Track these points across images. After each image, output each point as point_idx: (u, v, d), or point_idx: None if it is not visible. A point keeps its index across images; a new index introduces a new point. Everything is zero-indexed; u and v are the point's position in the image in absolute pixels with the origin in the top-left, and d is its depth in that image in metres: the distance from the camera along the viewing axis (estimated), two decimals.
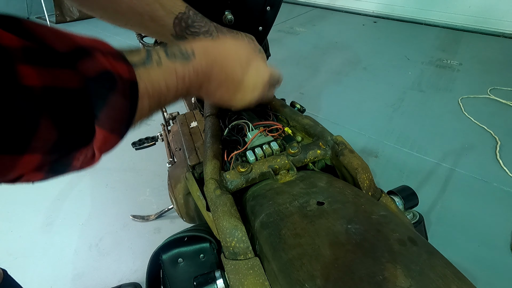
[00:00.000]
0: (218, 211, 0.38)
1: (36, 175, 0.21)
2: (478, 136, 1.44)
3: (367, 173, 0.43)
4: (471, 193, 1.17)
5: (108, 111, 0.22)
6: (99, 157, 0.24)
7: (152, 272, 0.49)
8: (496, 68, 1.98)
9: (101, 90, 0.22)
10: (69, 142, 0.21)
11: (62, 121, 0.20)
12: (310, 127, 0.52)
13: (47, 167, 0.21)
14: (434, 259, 0.28)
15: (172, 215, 1.15)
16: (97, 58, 0.22)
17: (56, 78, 0.19)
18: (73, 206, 1.22)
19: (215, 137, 0.52)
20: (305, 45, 2.44)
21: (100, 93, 0.22)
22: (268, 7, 0.60)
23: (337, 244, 0.29)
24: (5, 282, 0.59)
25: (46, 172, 0.21)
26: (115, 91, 0.23)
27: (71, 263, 1.02)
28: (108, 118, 0.23)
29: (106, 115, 0.22)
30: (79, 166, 0.23)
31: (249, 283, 0.32)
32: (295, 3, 3.46)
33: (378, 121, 1.58)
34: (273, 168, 0.45)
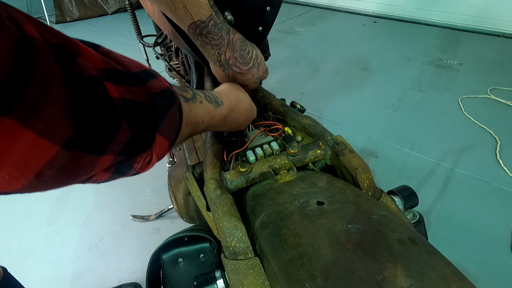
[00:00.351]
0: (218, 211, 0.38)
1: (104, 175, 0.24)
2: (478, 136, 1.44)
3: (367, 173, 0.43)
4: (471, 193, 1.17)
5: (167, 121, 0.27)
6: (155, 162, 0.28)
7: (152, 272, 0.49)
8: (496, 68, 1.98)
9: (164, 103, 0.27)
10: (136, 146, 0.25)
11: (134, 127, 0.24)
12: (310, 127, 0.52)
13: (114, 167, 0.24)
14: (434, 259, 0.28)
15: (172, 215, 1.15)
16: (160, 79, 0.28)
17: (130, 93, 0.24)
18: (73, 206, 1.22)
19: (215, 137, 0.52)
20: (305, 45, 2.44)
21: (162, 106, 0.27)
22: (268, 7, 0.60)
23: (337, 244, 0.29)
24: (5, 280, 0.59)
25: (112, 173, 0.25)
26: (174, 105, 0.29)
27: (71, 263, 1.02)
28: (167, 127, 0.28)
29: (166, 124, 0.27)
30: (137, 169, 0.27)
31: (249, 283, 0.32)
32: (295, 3, 3.46)
33: (378, 121, 1.58)
34: (273, 168, 0.45)
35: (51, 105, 0.17)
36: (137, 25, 1.01)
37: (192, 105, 0.36)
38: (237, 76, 0.55)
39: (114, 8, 3.39)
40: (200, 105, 0.37)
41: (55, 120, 0.17)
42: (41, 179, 0.19)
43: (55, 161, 0.19)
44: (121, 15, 3.38)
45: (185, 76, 0.97)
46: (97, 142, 0.21)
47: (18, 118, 0.16)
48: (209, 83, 0.67)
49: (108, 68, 0.22)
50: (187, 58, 0.83)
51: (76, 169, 0.21)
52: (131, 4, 0.98)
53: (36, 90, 0.16)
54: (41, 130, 0.17)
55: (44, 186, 0.20)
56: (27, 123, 0.16)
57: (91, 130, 0.20)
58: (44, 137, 0.17)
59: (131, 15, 0.99)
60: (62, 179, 0.20)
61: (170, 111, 0.28)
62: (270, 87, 0.70)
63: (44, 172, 0.18)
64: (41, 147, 0.17)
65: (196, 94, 0.38)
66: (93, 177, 0.23)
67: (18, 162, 0.17)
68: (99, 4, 3.32)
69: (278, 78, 2.00)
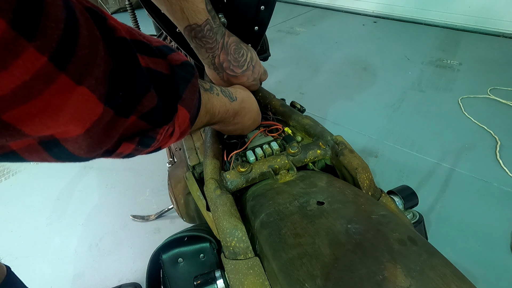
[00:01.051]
0: (218, 211, 0.38)
1: (129, 146, 0.25)
2: (478, 136, 1.44)
3: (367, 173, 0.43)
4: (471, 193, 1.17)
5: (189, 92, 0.28)
6: (177, 134, 0.29)
7: (152, 272, 0.49)
8: (496, 68, 1.98)
9: (184, 74, 0.28)
10: (160, 114, 0.25)
11: (160, 95, 0.25)
12: (310, 127, 0.52)
13: (138, 138, 0.25)
14: (434, 259, 0.28)
15: (172, 215, 1.15)
16: (180, 54, 0.29)
17: (154, 64, 0.25)
18: (73, 206, 1.22)
19: (215, 137, 0.52)
20: (305, 45, 2.44)
21: (183, 77, 0.28)
22: (262, 6, 0.60)
23: (337, 243, 0.30)
24: (8, 279, 0.59)
25: (136, 144, 0.25)
26: (194, 77, 0.29)
27: (71, 263, 1.02)
28: (189, 98, 0.28)
29: (187, 95, 0.28)
30: (160, 140, 0.27)
31: (249, 283, 0.32)
32: (295, 3, 3.46)
33: (378, 121, 1.58)
34: (273, 168, 0.45)
35: (99, 64, 0.18)
36: (137, 25, 1.01)
37: (210, 96, 0.37)
38: (232, 79, 0.55)
39: (114, 8, 3.39)
40: (217, 97, 0.39)
41: (102, 77, 0.18)
42: (88, 135, 0.20)
43: (102, 118, 0.20)
44: (121, 15, 3.38)
45: None
46: (129, 103, 0.22)
47: (72, 75, 0.16)
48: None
49: (133, 39, 0.23)
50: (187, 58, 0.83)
51: (111, 132, 0.21)
52: (131, 4, 0.98)
53: (85, 48, 0.17)
54: (92, 86, 0.18)
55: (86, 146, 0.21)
56: (80, 79, 0.17)
57: (126, 90, 0.21)
58: (94, 93, 0.18)
59: (131, 15, 0.99)
60: (101, 141, 0.21)
61: (191, 82, 0.29)
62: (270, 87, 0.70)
63: (92, 129, 0.20)
64: (91, 102, 0.18)
65: (213, 87, 0.39)
66: (119, 147, 0.24)
67: (73, 114, 0.18)
68: (99, 4, 3.32)
69: (278, 78, 2.00)
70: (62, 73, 0.16)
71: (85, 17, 0.17)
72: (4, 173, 1.38)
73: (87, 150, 0.21)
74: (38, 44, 0.14)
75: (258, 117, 0.54)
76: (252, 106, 0.51)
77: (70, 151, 0.20)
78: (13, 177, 1.36)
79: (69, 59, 0.16)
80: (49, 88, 0.16)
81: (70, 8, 0.16)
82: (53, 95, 0.16)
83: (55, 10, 0.15)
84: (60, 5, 0.15)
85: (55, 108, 0.17)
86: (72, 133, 0.19)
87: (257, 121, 0.54)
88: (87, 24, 0.17)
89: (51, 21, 0.15)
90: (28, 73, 0.14)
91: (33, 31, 0.14)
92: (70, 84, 0.17)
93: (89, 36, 0.17)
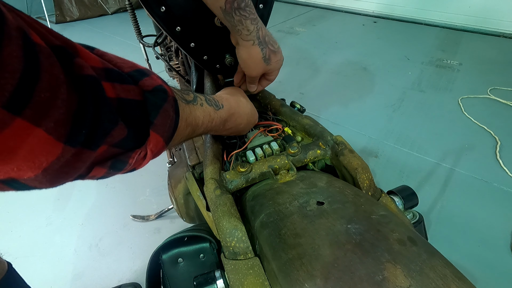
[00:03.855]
0: (218, 211, 0.38)
1: (101, 170, 0.25)
2: (478, 136, 1.44)
3: (367, 173, 0.43)
4: (471, 193, 1.17)
5: (160, 118, 0.28)
6: (150, 158, 0.29)
7: (152, 272, 0.49)
8: (496, 68, 1.98)
9: (156, 100, 0.28)
10: (131, 142, 0.25)
11: (130, 125, 0.25)
12: (310, 127, 0.52)
13: (110, 162, 0.25)
14: (434, 259, 0.28)
15: (172, 215, 1.15)
16: (152, 77, 0.29)
17: (126, 92, 0.25)
18: (73, 206, 1.22)
19: (215, 137, 0.52)
20: (305, 45, 2.44)
21: (155, 103, 0.28)
22: (260, 4, 0.60)
23: (337, 244, 0.30)
24: (8, 275, 0.59)
25: (108, 168, 0.26)
26: (167, 102, 0.29)
27: (71, 263, 1.02)
28: (160, 124, 0.28)
29: (159, 121, 0.28)
30: (133, 164, 0.28)
31: (249, 283, 0.32)
32: (295, 3, 3.46)
33: (378, 121, 1.58)
34: (273, 168, 0.45)
35: (59, 107, 0.18)
36: (137, 25, 1.01)
37: (193, 108, 0.37)
38: (272, 56, 0.53)
39: (114, 8, 3.39)
40: (201, 108, 0.38)
41: (62, 119, 0.19)
42: (47, 173, 0.20)
43: (62, 157, 0.20)
44: (121, 15, 3.38)
45: (185, 76, 0.97)
46: (95, 138, 0.22)
47: (28, 118, 0.17)
48: (209, 83, 0.67)
49: (105, 68, 0.24)
50: (187, 58, 0.83)
51: (76, 164, 0.22)
52: (131, 4, 0.97)
53: (46, 92, 0.18)
54: (50, 128, 0.18)
55: (48, 181, 0.21)
56: (37, 122, 0.18)
57: (90, 128, 0.21)
58: (51, 135, 0.19)
59: (131, 15, 0.99)
60: (65, 174, 0.22)
61: (163, 108, 0.28)
62: (270, 87, 0.70)
63: (50, 168, 0.20)
64: (48, 144, 0.19)
65: (197, 97, 0.39)
66: (90, 172, 0.25)
67: (27, 157, 0.18)
68: (99, 4, 3.32)
69: (278, 78, 1.98)
70: (18, 117, 0.17)
71: (50, 62, 0.18)
72: None
73: (50, 183, 0.22)
74: None
75: (253, 117, 0.53)
76: (244, 110, 0.50)
77: (32, 186, 0.21)
78: None
79: (25, 105, 0.17)
80: (3, 132, 0.16)
81: (33, 55, 0.17)
82: (7, 139, 0.17)
83: (11, 62, 0.16)
84: (18, 56, 0.16)
85: (9, 151, 0.17)
86: (28, 175, 0.19)
87: (252, 122, 0.54)
88: (51, 68, 0.18)
89: (5, 72, 0.16)
90: None
91: None
92: (26, 127, 0.17)
93: (51, 81, 0.18)
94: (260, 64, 0.53)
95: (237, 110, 0.48)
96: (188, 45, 0.60)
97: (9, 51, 0.16)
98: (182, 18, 0.56)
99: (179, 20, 0.56)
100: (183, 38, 0.58)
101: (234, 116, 0.47)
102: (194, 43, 0.60)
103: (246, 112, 0.51)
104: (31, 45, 0.17)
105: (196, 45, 0.60)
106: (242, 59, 0.54)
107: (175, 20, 0.55)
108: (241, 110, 0.49)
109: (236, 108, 0.48)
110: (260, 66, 0.54)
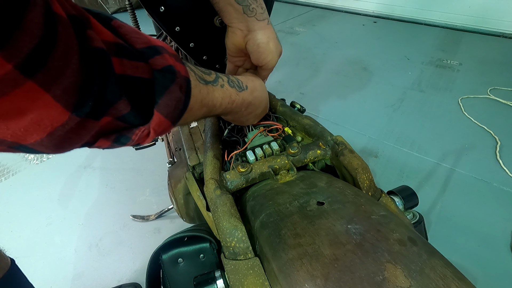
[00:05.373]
0: (218, 211, 0.38)
1: (105, 142, 0.26)
2: (478, 136, 1.44)
3: (367, 173, 0.43)
4: (471, 193, 1.17)
5: (166, 99, 0.28)
6: (153, 136, 0.29)
7: (152, 272, 0.49)
8: (496, 68, 1.98)
9: (164, 81, 0.27)
10: (134, 118, 0.26)
11: (134, 102, 0.25)
12: (310, 127, 0.52)
13: (115, 136, 0.26)
14: (434, 259, 0.28)
15: (172, 215, 1.15)
16: (164, 56, 0.28)
17: (134, 68, 0.25)
18: (73, 206, 1.22)
19: (215, 137, 0.52)
20: (305, 45, 2.44)
21: (162, 83, 0.27)
22: None
23: (337, 244, 0.29)
24: (11, 271, 0.59)
25: (112, 141, 0.27)
26: (174, 84, 0.28)
27: (71, 263, 1.02)
28: (165, 104, 0.28)
29: (164, 101, 0.28)
30: (136, 140, 0.28)
31: (249, 283, 0.32)
32: (295, 3, 3.45)
33: (378, 121, 1.58)
34: (273, 168, 0.45)
35: (69, 76, 0.19)
36: (137, 25, 1.01)
37: (211, 88, 0.36)
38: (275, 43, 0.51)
39: (114, 8, 3.39)
40: (221, 89, 0.38)
41: (70, 88, 0.20)
42: (52, 138, 0.21)
43: (66, 125, 0.21)
44: (121, 15, 3.38)
45: None
46: (99, 109, 0.23)
47: (39, 82, 0.18)
48: None
49: (116, 43, 0.24)
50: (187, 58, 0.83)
51: (81, 131, 0.23)
52: (131, 4, 0.97)
53: (59, 61, 0.19)
54: (57, 95, 0.19)
55: (54, 146, 0.22)
56: (46, 88, 0.19)
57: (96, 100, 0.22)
58: (59, 102, 0.20)
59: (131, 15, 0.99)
60: (69, 140, 0.23)
61: (169, 89, 0.28)
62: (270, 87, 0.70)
63: (55, 133, 0.21)
64: (55, 110, 0.20)
65: (219, 78, 0.38)
66: (96, 142, 0.26)
67: (34, 119, 0.19)
68: (99, 4, 3.32)
69: (278, 78, 1.99)
70: (30, 80, 0.18)
71: (67, 33, 0.19)
72: (4, 173, 1.38)
73: (56, 148, 0.23)
74: (5, 53, 0.16)
75: (267, 107, 0.52)
76: (264, 94, 0.49)
77: (39, 150, 0.22)
78: (13, 177, 1.36)
79: (38, 70, 0.18)
80: (14, 91, 0.18)
81: (52, 24, 0.18)
82: (18, 99, 0.18)
83: (32, 27, 0.17)
84: (39, 22, 0.17)
85: (19, 111, 0.19)
86: (34, 138, 0.20)
87: (265, 112, 0.53)
88: (66, 39, 0.19)
89: (25, 35, 0.17)
90: None
91: (2, 42, 0.16)
92: (36, 91, 0.18)
93: (65, 50, 0.19)
94: (278, 46, 0.50)
95: (260, 93, 0.47)
96: (188, 45, 0.60)
97: (32, 17, 0.17)
98: (182, 18, 0.56)
99: (179, 20, 0.56)
100: (182, 38, 0.58)
101: (257, 99, 0.46)
102: (193, 43, 0.60)
103: (265, 97, 0.50)
104: (52, 14, 0.18)
105: (196, 45, 0.60)
106: (261, 47, 0.48)
107: (175, 20, 0.55)
108: (263, 95, 0.48)
109: (260, 91, 0.46)
110: (278, 49, 0.50)
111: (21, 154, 1.47)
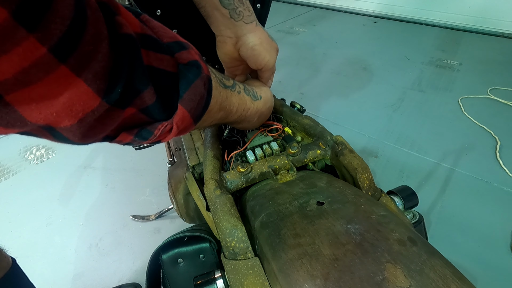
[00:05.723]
0: (218, 211, 0.38)
1: (127, 137, 0.26)
2: (478, 136, 1.44)
3: (367, 173, 0.43)
4: (471, 193, 1.17)
5: (190, 93, 0.28)
6: (175, 132, 0.29)
7: (152, 272, 0.49)
8: (496, 68, 1.98)
9: (189, 75, 0.28)
10: (158, 111, 0.26)
11: (160, 93, 0.25)
12: (310, 127, 0.52)
13: (137, 130, 0.26)
14: (434, 259, 0.28)
15: (172, 215, 1.15)
16: (190, 52, 0.28)
17: (159, 61, 0.25)
18: (73, 206, 1.22)
19: (215, 137, 0.52)
20: (305, 45, 2.44)
21: (187, 77, 0.28)
22: (258, 4, 0.60)
23: (337, 244, 0.29)
24: (12, 270, 0.59)
25: (134, 136, 0.27)
26: (199, 78, 0.29)
27: (71, 263, 1.02)
28: (189, 99, 0.28)
29: (189, 96, 0.28)
30: (157, 136, 0.28)
31: (249, 283, 0.32)
32: (295, 3, 3.45)
33: (378, 121, 1.58)
34: (273, 168, 0.45)
35: (100, 60, 0.19)
36: None
37: (230, 93, 0.36)
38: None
39: None
40: (238, 95, 0.38)
41: (101, 73, 0.20)
42: (81, 125, 0.21)
43: (96, 111, 0.21)
44: None
45: None
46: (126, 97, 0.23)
47: (71, 67, 0.18)
48: None
49: (143, 34, 0.24)
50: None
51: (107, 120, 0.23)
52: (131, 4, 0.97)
53: (89, 45, 0.18)
54: (89, 80, 0.19)
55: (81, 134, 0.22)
56: (78, 72, 0.18)
57: (124, 86, 0.22)
58: (90, 87, 0.20)
59: None
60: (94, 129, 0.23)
61: (194, 83, 0.28)
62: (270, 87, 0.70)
63: (85, 119, 0.21)
64: (86, 95, 0.20)
65: (236, 85, 0.39)
66: (118, 136, 0.26)
67: (66, 104, 0.19)
68: None
69: (278, 78, 1.99)
70: (62, 64, 0.17)
71: (96, 16, 0.19)
72: (4, 173, 1.38)
73: (82, 137, 0.23)
74: (39, 35, 0.16)
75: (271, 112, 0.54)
76: (273, 104, 0.51)
77: (66, 137, 0.22)
78: (13, 177, 1.36)
79: (70, 53, 0.18)
80: (48, 76, 0.17)
81: (82, 7, 0.18)
82: (52, 83, 0.18)
83: (63, 8, 0.16)
84: (71, 4, 0.17)
85: (52, 96, 0.19)
86: (65, 123, 0.20)
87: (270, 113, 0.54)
88: (96, 23, 0.19)
89: (56, 17, 0.16)
90: (27, 60, 0.16)
91: (35, 23, 0.15)
92: (69, 76, 0.18)
93: (95, 35, 0.19)
94: (273, 44, 0.48)
95: (271, 104, 0.48)
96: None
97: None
98: (178, 21, 0.56)
99: (175, 23, 0.56)
100: None
101: (269, 110, 0.47)
102: None
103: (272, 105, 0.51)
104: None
105: None
106: (255, 49, 0.46)
107: (171, 23, 0.55)
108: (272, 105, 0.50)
109: (271, 102, 0.48)
110: (274, 46, 0.48)
111: (21, 154, 1.47)
